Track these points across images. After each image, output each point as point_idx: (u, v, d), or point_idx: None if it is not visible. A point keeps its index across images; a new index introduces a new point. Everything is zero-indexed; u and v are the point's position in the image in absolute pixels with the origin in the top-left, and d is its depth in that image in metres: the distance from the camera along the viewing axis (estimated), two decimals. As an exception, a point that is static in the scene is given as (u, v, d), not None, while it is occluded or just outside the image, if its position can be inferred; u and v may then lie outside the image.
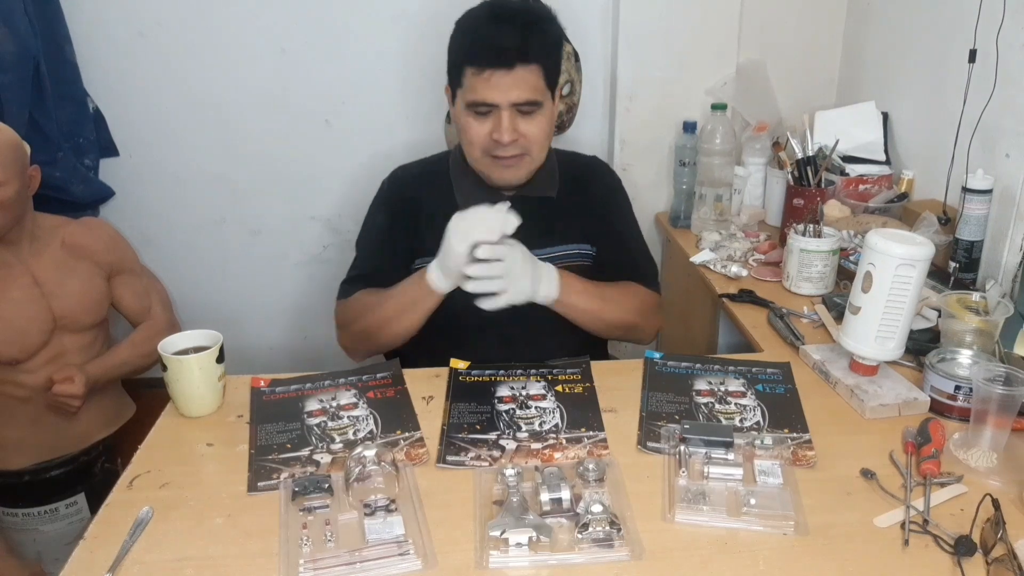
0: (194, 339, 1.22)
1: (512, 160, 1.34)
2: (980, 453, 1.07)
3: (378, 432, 1.13)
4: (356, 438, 1.12)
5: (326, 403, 1.20)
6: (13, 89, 1.85)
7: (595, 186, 1.51)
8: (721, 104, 2.05)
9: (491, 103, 1.29)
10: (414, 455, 1.08)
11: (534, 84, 1.29)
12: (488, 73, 1.27)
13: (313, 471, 1.04)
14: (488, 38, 1.28)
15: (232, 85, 2.16)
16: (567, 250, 1.45)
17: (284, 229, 2.34)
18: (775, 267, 1.73)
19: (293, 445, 1.10)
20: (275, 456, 1.08)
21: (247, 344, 2.35)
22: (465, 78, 1.30)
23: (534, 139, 1.33)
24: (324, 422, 1.15)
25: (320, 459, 1.07)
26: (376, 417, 1.17)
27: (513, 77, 1.27)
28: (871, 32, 2.12)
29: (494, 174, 1.37)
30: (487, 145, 1.33)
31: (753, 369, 1.30)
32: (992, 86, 1.58)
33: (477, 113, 1.31)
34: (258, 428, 1.14)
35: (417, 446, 1.10)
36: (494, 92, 1.28)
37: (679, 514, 0.96)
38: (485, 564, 0.89)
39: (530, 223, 1.38)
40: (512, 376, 1.27)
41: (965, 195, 1.56)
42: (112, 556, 0.90)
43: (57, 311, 1.62)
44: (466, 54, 1.30)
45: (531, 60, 1.28)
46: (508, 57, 1.26)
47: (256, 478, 1.04)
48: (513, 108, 1.29)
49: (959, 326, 1.28)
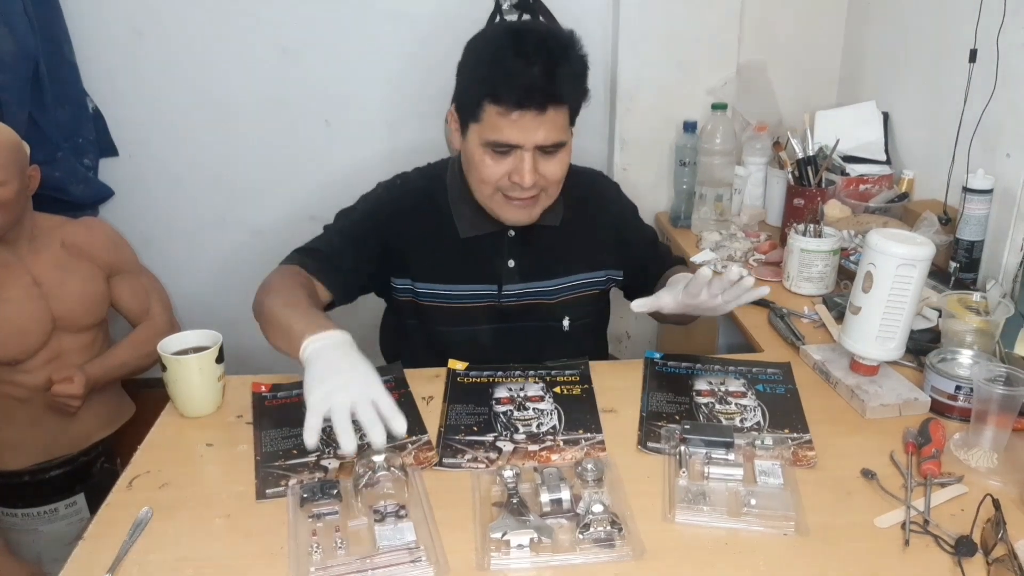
0: (194, 339, 1.21)
1: (528, 201, 1.25)
2: (981, 453, 1.07)
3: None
4: (363, 442, 1.11)
5: None
6: (13, 89, 1.85)
7: (600, 208, 1.43)
8: (721, 104, 2.05)
9: (516, 145, 1.19)
10: (422, 459, 1.07)
11: (562, 125, 1.20)
12: (517, 115, 1.16)
13: (321, 476, 1.03)
14: (516, 77, 1.15)
15: (232, 85, 2.16)
16: (578, 280, 1.40)
17: (284, 229, 2.33)
18: (775, 267, 1.73)
19: (299, 451, 1.09)
20: (281, 462, 1.07)
21: (247, 344, 2.33)
22: (485, 114, 1.18)
23: (553, 179, 1.24)
24: (328, 427, 1.14)
25: (328, 464, 1.06)
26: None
27: (542, 119, 1.17)
28: (871, 32, 2.12)
29: (505, 214, 1.28)
30: (503, 185, 1.23)
31: (753, 369, 1.30)
32: (992, 86, 1.58)
33: (496, 151, 1.20)
34: (262, 434, 1.13)
35: (425, 449, 1.09)
36: (521, 135, 1.17)
37: (679, 514, 0.96)
38: (486, 566, 0.88)
39: (537, 255, 1.36)
40: (510, 377, 1.27)
41: (965, 195, 1.56)
42: (112, 556, 0.90)
43: (56, 311, 1.62)
44: (490, 90, 1.17)
45: (563, 101, 1.18)
46: (539, 99, 1.15)
47: (264, 485, 1.02)
48: (536, 149, 1.20)
49: (959, 326, 1.28)
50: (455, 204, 1.35)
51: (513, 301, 1.37)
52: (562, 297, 1.39)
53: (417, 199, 1.37)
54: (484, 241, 1.34)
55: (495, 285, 1.36)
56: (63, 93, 2.01)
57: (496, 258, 1.36)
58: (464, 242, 1.34)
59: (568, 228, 1.38)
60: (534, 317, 1.37)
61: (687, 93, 2.18)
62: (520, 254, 1.36)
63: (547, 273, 1.37)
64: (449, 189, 1.36)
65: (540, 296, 1.38)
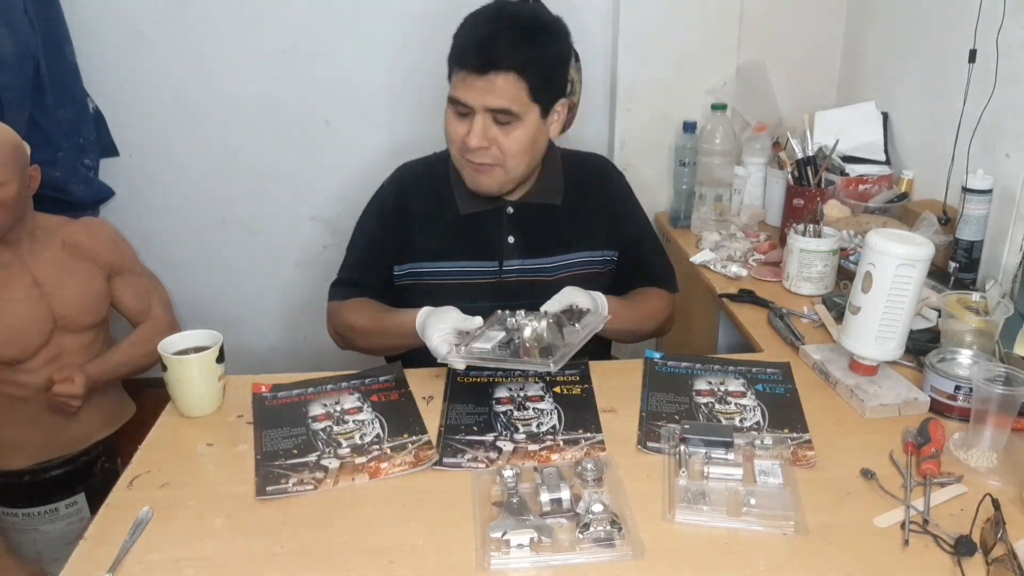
0: (194, 339, 1.22)
1: (484, 168, 1.30)
2: (980, 453, 1.07)
3: (385, 436, 1.13)
4: (363, 442, 1.12)
5: (330, 407, 1.20)
6: (13, 89, 1.85)
7: (602, 190, 1.48)
8: (721, 104, 2.05)
9: (466, 104, 1.25)
10: (422, 457, 1.08)
11: (511, 94, 1.24)
12: (464, 74, 1.24)
13: (322, 476, 1.04)
14: (471, 39, 1.25)
15: (232, 85, 2.16)
16: (578, 258, 1.42)
17: (284, 229, 2.34)
18: (775, 267, 1.73)
19: (299, 451, 1.09)
20: (282, 462, 1.07)
21: (247, 344, 2.35)
22: (453, 74, 1.28)
23: (508, 151, 1.28)
24: (329, 427, 1.15)
25: (328, 464, 1.06)
26: (382, 421, 1.16)
27: (485, 82, 1.23)
28: (871, 32, 2.12)
29: (466, 177, 1.34)
30: (461, 147, 1.29)
31: (753, 369, 1.30)
32: (992, 86, 1.58)
33: (457, 112, 1.28)
34: (263, 434, 1.14)
35: (425, 448, 1.10)
36: (468, 93, 1.24)
37: (679, 514, 0.96)
38: (486, 566, 0.88)
39: (536, 232, 1.40)
40: (510, 377, 1.27)
41: (965, 195, 1.56)
42: (112, 556, 0.90)
43: (57, 311, 1.62)
44: (453, 50, 1.28)
45: (507, 68, 1.22)
46: (482, 62, 1.22)
47: (264, 483, 1.03)
48: (488, 114, 1.25)
49: (959, 326, 1.28)
50: (456, 184, 1.39)
51: (513, 277, 1.39)
52: (561, 274, 1.40)
53: (418, 181, 1.44)
54: (483, 217, 1.38)
55: (495, 261, 1.39)
56: (64, 93, 2.01)
57: (495, 234, 1.39)
58: (464, 219, 1.38)
59: (569, 207, 1.42)
60: (534, 295, 1.37)
61: (687, 93, 2.19)
62: (519, 230, 1.39)
63: (546, 250, 1.40)
64: (451, 170, 1.41)
65: (540, 273, 1.40)
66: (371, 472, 1.05)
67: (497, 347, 1.14)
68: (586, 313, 1.22)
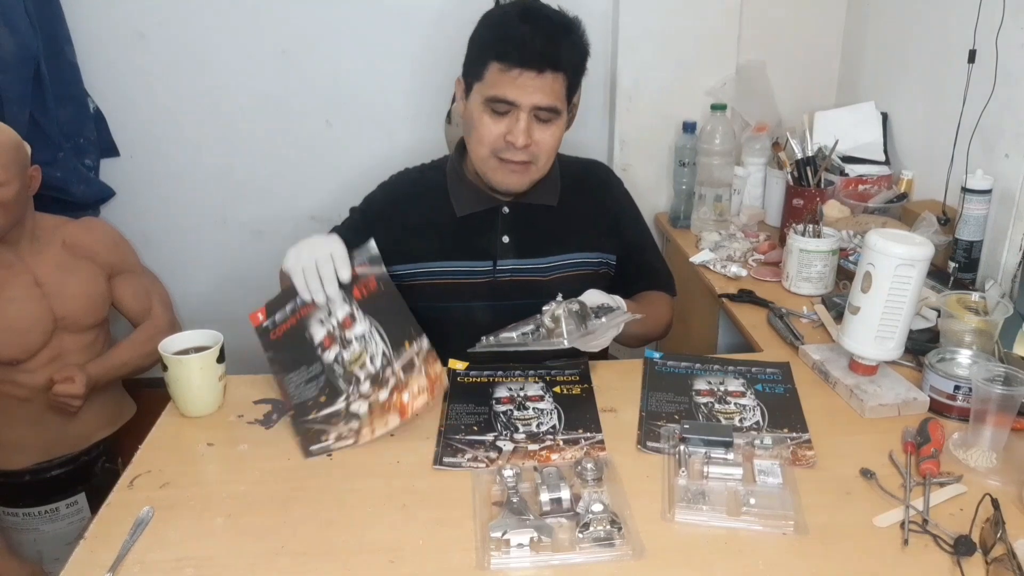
0: (194, 339, 1.22)
1: (519, 166, 1.31)
2: (979, 453, 1.07)
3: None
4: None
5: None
6: (13, 89, 1.85)
7: (600, 193, 1.48)
8: (721, 104, 2.05)
9: (513, 102, 1.25)
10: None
11: (558, 92, 1.27)
12: (517, 72, 1.23)
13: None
14: (521, 37, 1.24)
15: (233, 85, 2.16)
16: (573, 259, 1.42)
17: (285, 229, 2.34)
18: (775, 267, 1.73)
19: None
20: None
21: (247, 344, 2.34)
22: (488, 72, 1.26)
23: (544, 148, 1.30)
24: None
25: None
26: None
27: (541, 81, 1.24)
28: (871, 32, 2.12)
29: (497, 176, 1.33)
30: (497, 146, 1.29)
31: (753, 369, 1.30)
32: (992, 86, 1.59)
33: (494, 111, 1.27)
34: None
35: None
36: (519, 92, 1.24)
37: (679, 514, 0.96)
38: (486, 565, 0.89)
39: (531, 232, 1.40)
40: (510, 377, 1.27)
41: (965, 195, 1.56)
42: (112, 556, 0.90)
43: (58, 311, 1.62)
44: (495, 48, 1.25)
45: (560, 68, 1.25)
46: (540, 60, 1.23)
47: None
48: (532, 112, 1.26)
49: (958, 326, 1.28)
50: (453, 186, 1.40)
51: (507, 277, 1.39)
52: (556, 275, 1.40)
53: (413, 187, 1.45)
54: (479, 218, 1.39)
55: (490, 261, 1.39)
56: (64, 93, 2.01)
57: (490, 233, 1.39)
58: (460, 220, 1.39)
59: (564, 208, 1.42)
60: (529, 295, 1.37)
61: (686, 93, 2.19)
62: (514, 230, 1.40)
63: (541, 251, 1.40)
64: (448, 175, 1.42)
65: (534, 273, 1.40)
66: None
67: (520, 335, 1.16)
68: (613, 310, 1.23)
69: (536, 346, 1.15)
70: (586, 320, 1.16)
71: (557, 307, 1.16)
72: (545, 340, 1.14)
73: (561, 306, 1.16)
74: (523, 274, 1.40)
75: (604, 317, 1.19)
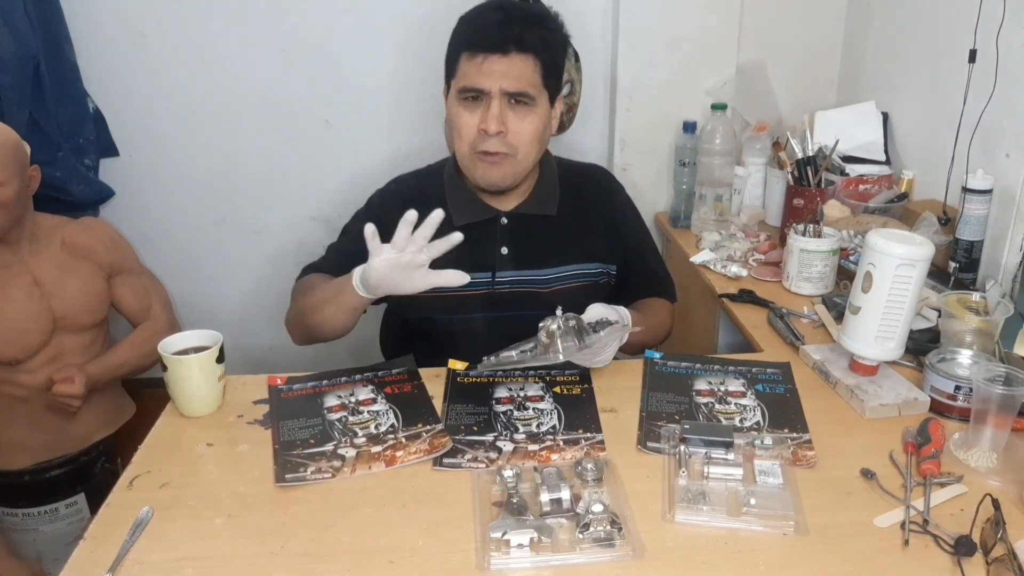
0: (194, 339, 1.22)
1: (497, 157, 1.29)
2: (980, 453, 1.07)
3: (400, 426, 1.14)
4: (379, 432, 1.13)
5: (344, 399, 1.21)
6: (13, 89, 1.85)
7: (600, 201, 1.46)
8: (721, 104, 2.05)
9: (482, 88, 1.25)
10: (437, 445, 1.09)
11: (528, 77, 1.26)
12: (482, 57, 1.23)
13: (339, 464, 1.06)
14: (486, 23, 1.25)
15: (232, 85, 2.16)
16: (572, 270, 1.41)
17: (284, 229, 2.34)
18: (775, 267, 1.73)
19: (316, 440, 1.11)
20: (300, 451, 1.09)
21: (247, 344, 2.35)
22: (460, 64, 1.27)
23: (522, 138, 1.28)
24: (345, 417, 1.16)
25: (345, 453, 1.08)
26: (396, 412, 1.18)
27: (506, 63, 1.23)
28: (871, 32, 2.12)
29: (478, 172, 1.32)
30: (475, 139, 1.28)
31: (753, 369, 1.30)
32: (992, 86, 1.58)
33: (468, 101, 1.27)
34: (280, 425, 1.15)
35: (439, 436, 1.11)
36: (485, 78, 1.24)
37: (679, 514, 0.96)
38: (486, 566, 0.88)
39: (530, 243, 1.39)
40: (510, 377, 1.27)
41: (965, 195, 1.56)
42: (112, 556, 0.90)
43: (57, 311, 1.62)
44: (463, 40, 1.28)
45: (527, 49, 1.24)
46: (503, 41, 1.23)
47: (284, 471, 1.05)
48: (504, 98, 1.25)
49: (959, 326, 1.28)
50: (450, 194, 1.39)
51: (506, 288, 1.38)
52: (555, 287, 1.40)
53: (410, 196, 1.40)
54: (477, 228, 1.36)
55: (489, 272, 1.38)
56: (64, 93, 2.01)
57: (489, 245, 1.38)
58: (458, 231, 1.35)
59: (563, 218, 1.41)
60: (528, 306, 1.37)
61: (687, 93, 2.19)
62: (513, 241, 1.38)
63: (540, 261, 1.39)
64: (446, 182, 1.40)
65: (533, 285, 1.39)
66: (387, 460, 1.07)
67: (519, 353, 1.16)
68: (612, 324, 1.22)
69: (534, 363, 1.15)
70: (583, 335, 1.16)
71: (552, 322, 1.15)
72: (542, 356, 1.14)
73: (556, 321, 1.15)
74: (522, 285, 1.39)
75: (603, 331, 1.19)
